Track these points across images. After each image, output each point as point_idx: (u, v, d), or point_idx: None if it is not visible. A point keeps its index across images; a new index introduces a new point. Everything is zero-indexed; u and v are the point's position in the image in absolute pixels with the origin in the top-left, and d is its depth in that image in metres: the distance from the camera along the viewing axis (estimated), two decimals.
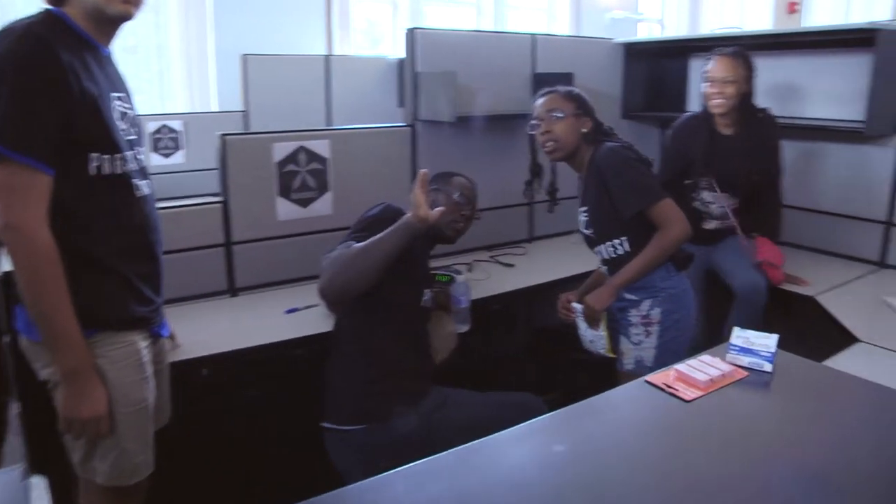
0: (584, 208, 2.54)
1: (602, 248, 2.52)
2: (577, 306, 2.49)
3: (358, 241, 2.18)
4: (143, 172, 1.82)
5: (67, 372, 1.63)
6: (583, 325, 2.50)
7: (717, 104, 3.05)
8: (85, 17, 1.66)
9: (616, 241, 2.47)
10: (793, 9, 8.76)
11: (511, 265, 3.38)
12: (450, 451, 1.26)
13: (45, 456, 2.00)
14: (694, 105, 4.19)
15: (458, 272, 3.06)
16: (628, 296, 2.45)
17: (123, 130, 1.73)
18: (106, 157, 1.66)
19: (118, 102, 1.73)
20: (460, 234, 2.63)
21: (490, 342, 3.07)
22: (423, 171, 2.20)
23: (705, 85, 3.09)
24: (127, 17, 1.71)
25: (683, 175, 3.10)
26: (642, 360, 2.43)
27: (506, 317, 3.19)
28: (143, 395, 1.79)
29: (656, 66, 4.21)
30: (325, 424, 2.26)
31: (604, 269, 2.61)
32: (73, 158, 1.60)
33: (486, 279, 3.15)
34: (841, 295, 2.91)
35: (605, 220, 2.47)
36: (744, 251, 3.10)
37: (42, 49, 1.53)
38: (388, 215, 2.31)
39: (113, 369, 1.72)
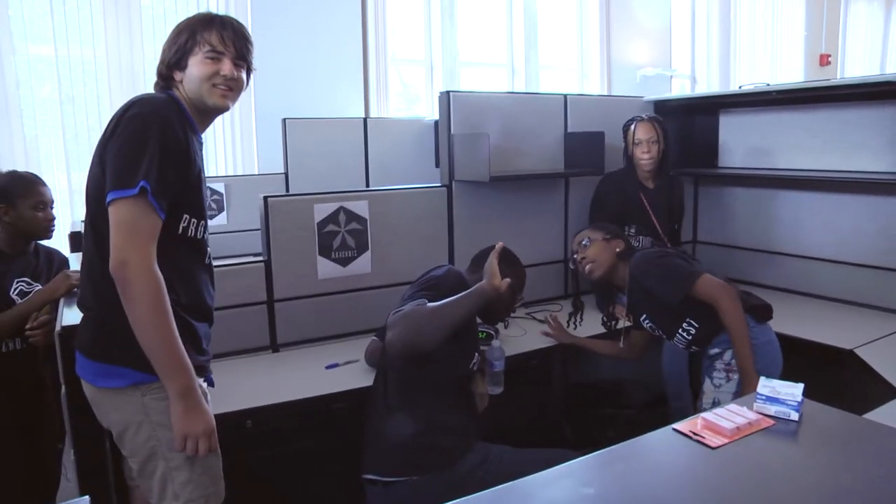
0: (643, 316, 2.84)
1: (677, 338, 2.76)
2: None
3: (428, 300, 2.26)
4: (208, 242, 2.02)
5: (182, 391, 1.77)
6: None
7: (647, 161, 3.52)
8: (189, 104, 1.91)
9: (684, 326, 2.71)
10: (826, 61, 8.82)
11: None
12: (482, 493, 1.34)
13: (99, 499, 2.11)
14: (726, 159, 4.29)
15: (496, 330, 3.14)
16: (714, 350, 2.67)
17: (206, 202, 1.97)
18: (193, 220, 1.88)
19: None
20: (504, 319, 2.77)
21: (527, 398, 3.12)
22: (500, 243, 2.37)
23: (634, 147, 3.53)
24: (224, 109, 1.97)
25: (618, 222, 3.36)
26: (719, 402, 2.55)
27: (542, 373, 3.25)
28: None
29: (687, 122, 4.32)
30: (368, 476, 2.32)
31: (695, 349, 2.80)
32: (170, 215, 1.79)
33: (522, 336, 3.23)
34: (882, 348, 2.91)
35: (664, 317, 2.76)
36: None
37: (177, 119, 1.82)
38: (454, 276, 2.46)
39: None
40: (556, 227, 3.90)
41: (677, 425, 1.59)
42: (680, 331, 2.73)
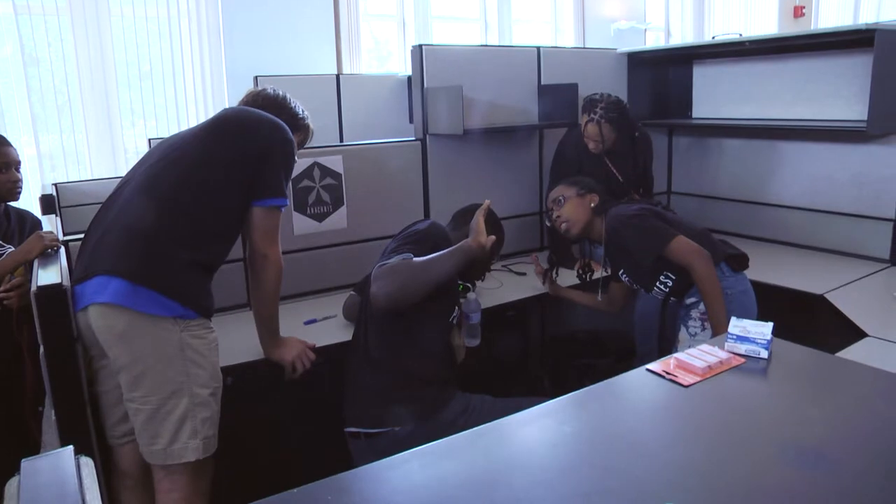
0: (621, 270, 2.88)
1: (655, 291, 2.80)
2: None
3: (413, 254, 2.28)
4: None
5: (278, 340, 2.44)
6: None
7: (595, 150, 3.44)
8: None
9: (661, 279, 2.75)
10: (799, 13, 8.81)
11: (523, 273, 3.50)
12: (463, 433, 1.37)
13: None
14: (700, 110, 4.33)
15: (472, 283, 3.16)
16: (691, 299, 2.72)
17: None
18: None
19: None
20: (480, 277, 2.83)
21: (504, 350, 3.17)
22: (487, 201, 2.42)
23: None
24: None
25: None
26: None
27: (519, 324, 3.30)
28: (221, 374, 2.17)
29: (661, 74, 4.33)
30: (350, 429, 2.35)
31: (673, 300, 2.83)
32: (244, 214, 2.23)
33: (498, 287, 3.27)
34: (850, 292, 2.99)
35: (641, 271, 2.79)
36: None
37: None
38: (437, 231, 2.47)
39: (208, 350, 2.08)
40: (531, 180, 3.93)
41: (651, 365, 1.63)
42: (658, 284, 2.77)
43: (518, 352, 3.38)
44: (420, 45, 3.44)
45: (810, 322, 3.00)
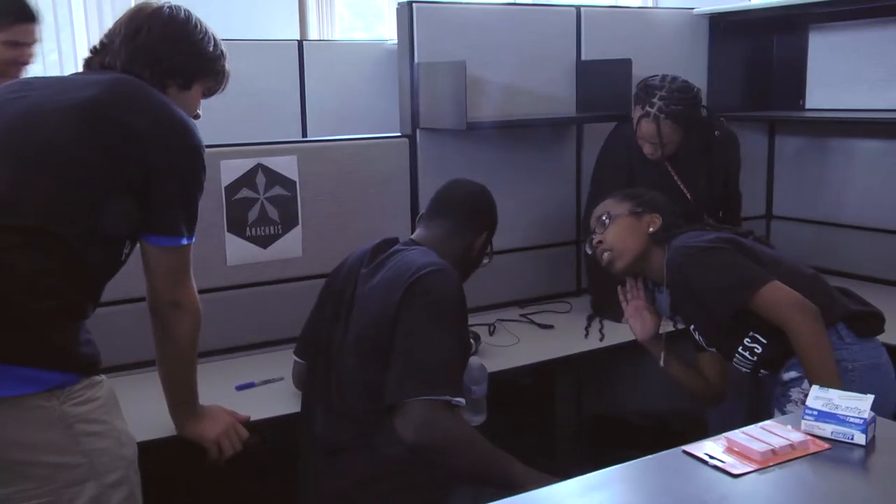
0: (693, 326, 2.86)
1: (738, 359, 2.78)
2: None
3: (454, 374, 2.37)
4: None
5: (197, 411, 2.52)
6: None
7: (653, 156, 3.49)
8: None
9: (746, 343, 2.73)
10: None
11: (550, 326, 3.56)
12: None
13: None
14: (816, 98, 4.34)
15: (476, 337, 3.21)
16: (790, 374, 2.68)
17: None
18: (131, 244, 2.32)
19: None
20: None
21: (522, 429, 3.21)
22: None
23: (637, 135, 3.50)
24: None
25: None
26: None
27: (541, 395, 3.34)
28: (132, 436, 2.26)
29: (759, 45, 4.40)
30: None
31: (764, 373, 2.81)
32: (122, 243, 2.26)
33: (514, 345, 3.32)
34: None
35: (716, 329, 2.76)
36: None
37: None
38: (455, 288, 2.51)
39: (106, 412, 2.16)
40: (564, 195, 3.99)
41: (688, 447, 1.69)
42: (741, 349, 2.74)
43: (542, 435, 3.42)
44: (409, 3, 3.48)
45: None
